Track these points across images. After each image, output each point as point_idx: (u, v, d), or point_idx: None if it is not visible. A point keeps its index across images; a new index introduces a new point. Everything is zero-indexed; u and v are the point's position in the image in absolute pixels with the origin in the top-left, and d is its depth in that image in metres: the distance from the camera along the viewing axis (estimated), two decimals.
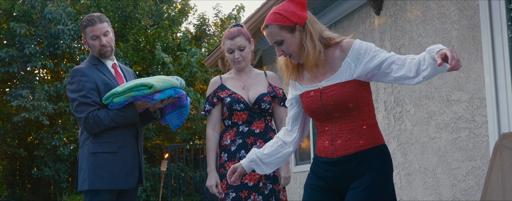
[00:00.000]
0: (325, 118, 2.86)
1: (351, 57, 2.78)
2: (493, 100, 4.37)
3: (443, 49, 2.50)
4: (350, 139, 2.79)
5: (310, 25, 2.80)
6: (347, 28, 6.56)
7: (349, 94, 2.76)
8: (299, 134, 3.07)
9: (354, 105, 2.78)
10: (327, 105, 2.81)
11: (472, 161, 4.60)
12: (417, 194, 5.27)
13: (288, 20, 2.79)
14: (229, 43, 4.02)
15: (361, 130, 2.80)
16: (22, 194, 15.69)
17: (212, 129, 4.10)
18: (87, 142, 3.89)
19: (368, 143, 2.79)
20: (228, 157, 3.99)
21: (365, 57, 2.75)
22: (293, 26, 2.79)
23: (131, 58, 16.58)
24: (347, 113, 2.80)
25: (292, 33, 2.80)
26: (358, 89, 2.78)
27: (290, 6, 2.82)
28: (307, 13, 2.83)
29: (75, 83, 3.89)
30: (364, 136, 2.79)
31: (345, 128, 2.81)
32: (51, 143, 14.50)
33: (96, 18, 4.00)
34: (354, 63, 2.78)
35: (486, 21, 4.44)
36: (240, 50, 4.03)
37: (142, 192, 15.19)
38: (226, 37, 4.05)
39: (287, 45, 2.81)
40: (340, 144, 2.82)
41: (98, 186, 3.81)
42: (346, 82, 2.78)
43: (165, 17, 18.33)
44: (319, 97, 2.83)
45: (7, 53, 14.53)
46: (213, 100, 4.08)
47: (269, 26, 2.81)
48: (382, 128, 5.82)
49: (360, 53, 2.77)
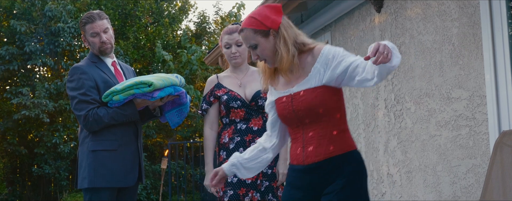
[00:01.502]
0: (297, 124, 2.87)
1: (320, 62, 2.80)
2: (494, 97, 4.36)
3: (374, 44, 2.51)
4: (321, 146, 2.80)
5: (284, 29, 2.82)
6: (347, 25, 6.55)
7: (319, 99, 2.77)
8: (278, 140, 3.06)
9: (324, 110, 2.78)
10: (297, 110, 2.82)
11: (473, 159, 4.60)
12: (417, 191, 5.27)
13: (262, 25, 2.80)
14: (227, 38, 4.04)
15: (331, 136, 2.80)
16: (22, 191, 15.70)
17: (209, 128, 4.10)
18: (87, 140, 3.89)
19: (338, 149, 2.80)
20: (227, 155, 3.99)
21: (333, 62, 2.76)
22: (267, 30, 2.80)
23: (131, 56, 16.57)
24: (317, 119, 2.80)
25: (266, 38, 2.81)
26: (328, 95, 2.79)
27: (265, 10, 2.84)
28: (281, 18, 2.84)
29: (74, 81, 3.88)
30: (334, 142, 2.80)
31: (316, 135, 2.82)
32: (51, 141, 14.50)
33: (96, 15, 4.00)
34: (323, 68, 2.79)
35: (486, 19, 4.43)
36: (238, 45, 4.04)
37: (142, 190, 15.20)
38: (225, 32, 4.08)
39: (261, 49, 2.82)
40: (311, 150, 2.82)
41: (98, 184, 3.81)
42: (316, 88, 2.79)
43: (166, 15, 18.32)
44: (290, 103, 2.84)
45: (7, 51, 14.52)
46: (210, 99, 4.08)
47: (244, 30, 2.84)
48: (382, 126, 5.82)
49: (328, 59, 2.78)
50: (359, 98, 6.26)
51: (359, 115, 6.26)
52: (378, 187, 5.88)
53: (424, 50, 5.19)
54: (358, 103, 6.29)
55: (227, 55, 4.09)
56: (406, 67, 5.44)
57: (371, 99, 6.03)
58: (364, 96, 6.15)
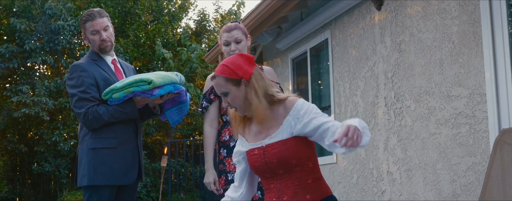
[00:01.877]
0: (270, 175, 2.89)
1: (292, 115, 2.82)
2: (494, 95, 4.36)
3: (345, 126, 2.56)
4: (297, 195, 2.83)
5: (255, 80, 2.85)
6: (347, 23, 6.55)
7: (291, 151, 2.80)
8: (246, 190, 3.07)
9: (296, 161, 2.81)
10: (270, 162, 2.84)
11: (472, 157, 4.60)
12: (417, 189, 5.27)
13: (234, 73, 2.84)
14: (226, 36, 4.04)
15: (306, 185, 2.84)
16: (22, 189, 15.70)
17: (209, 126, 4.09)
18: (87, 138, 3.88)
19: (314, 196, 2.83)
20: (227, 153, 3.99)
21: (305, 119, 2.79)
22: (239, 79, 2.84)
23: (131, 54, 16.57)
24: (290, 169, 2.83)
25: (237, 87, 2.85)
26: (300, 146, 2.81)
27: (239, 60, 2.88)
28: (254, 69, 2.87)
29: (74, 79, 3.88)
30: (310, 190, 2.83)
31: (291, 185, 2.85)
32: (51, 138, 14.50)
33: (96, 13, 3.99)
34: (294, 121, 2.82)
35: (486, 17, 4.43)
36: (237, 42, 4.03)
37: (142, 188, 15.20)
38: (223, 30, 4.08)
39: (232, 98, 2.86)
40: (287, 200, 2.85)
41: (98, 182, 3.80)
42: (287, 140, 2.81)
43: (165, 13, 18.30)
44: (263, 155, 2.87)
45: (7, 48, 14.51)
46: (210, 97, 4.07)
47: (217, 77, 2.88)
48: (382, 124, 5.81)
49: (300, 114, 2.80)
50: (359, 96, 6.26)
51: (359, 113, 6.26)
52: (378, 185, 5.89)
53: (424, 48, 5.19)
54: (358, 101, 6.29)
55: (226, 53, 4.09)
56: (406, 65, 5.44)
57: (371, 97, 6.03)
58: (364, 94, 6.15)
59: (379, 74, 5.88)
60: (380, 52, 5.87)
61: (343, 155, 2.60)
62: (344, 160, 6.60)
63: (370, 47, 6.04)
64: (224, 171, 3.97)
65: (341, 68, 6.68)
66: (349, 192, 6.47)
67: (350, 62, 6.47)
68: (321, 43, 7.20)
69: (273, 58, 8.77)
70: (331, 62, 6.93)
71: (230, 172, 3.93)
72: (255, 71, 2.89)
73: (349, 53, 6.50)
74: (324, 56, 7.28)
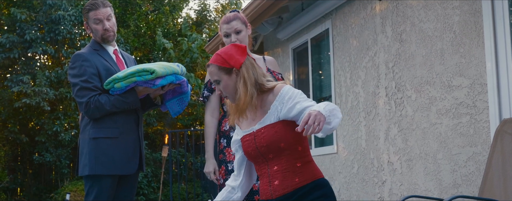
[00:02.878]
0: (262, 160, 2.98)
1: (279, 100, 2.93)
2: (494, 86, 4.36)
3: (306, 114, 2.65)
4: (286, 178, 2.92)
5: (245, 70, 2.97)
6: (348, 13, 6.54)
7: (279, 134, 2.89)
8: (245, 178, 3.17)
9: (285, 145, 2.90)
10: (260, 147, 2.94)
11: (473, 147, 4.61)
12: (417, 179, 5.28)
13: (226, 62, 2.98)
14: (226, 27, 4.03)
15: (295, 169, 2.92)
16: (23, 179, 15.73)
17: (210, 116, 4.09)
18: (88, 128, 3.89)
19: (303, 179, 2.91)
20: (227, 143, 3.99)
21: (289, 103, 2.89)
22: (230, 68, 2.97)
23: (132, 44, 16.55)
24: (280, 153, 2.92)
25: (229, 75, 2.98)
26: (288, 130, 2.89)
27: (231, 50, 3.02)
28: (245, 58, 3.00)
29: (76, 68, 3.88)
30: (299, 173, 2.91)
31: (280, 168, 2.94)
32: (52, 129, 14.51)
33: (100, 3, 4.00)
34: (280, 106, 2.92)
35: (488, 7, 4.42)
36: (237, 33, 4.02)
37: (143, 178, 15.23)
38: (222, 22, 4.06)
39: (224, 86, 3.00)
40: (277, 184, 2.94)
41: (99, 171, 3.81)
42: (275, 123, 2.92)
43: (166, 3, 18.27)
44: (254, 140, 2.97)
45: (8, 38, 14.49)
46: (212, 86, 4.07)
47: (210, 66, 3.03)
48: (383, 114, 5.82)
49: (285, 99, 2.90)
50: (360, 86, 6.26)
51: (359, 103, 6.27)
52: (379, 175, 5.90)
53: (425, 38, 5.18)
54: (359, 91, 6.29)
55: (227, 44, 4.07)
56: (407, 55, 5.44)
57: (372, 87, 6.03)
58: (365, 84, 6.15)
59: (380, 64, 5.88)
60: (381, 42, 5.86)
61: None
62: (344, 150, 6.60)
63: (371, 37, 6.04)
64: (224, 161, 3.98)
65: (342, 58, 6.67)
66: (349, 182, 6.49)
67: (351, 52, 6.46)
68: (322, 33, 7.20)
69: (274, 48, 8.76)
70: (332, 52, 6.93)
71: (230, 162, 3.94)
72: (247, 60, 3.00)
73: (350, 43, 6.49)
74: (325, 46, 7.28)
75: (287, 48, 8.23)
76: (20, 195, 15.65)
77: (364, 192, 6.18)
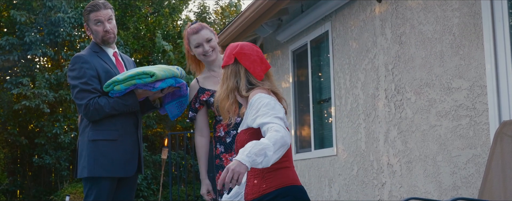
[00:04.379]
0: None
1: (249, 108, 2.95)
2: (494, 87, 4.36)
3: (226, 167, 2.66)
4: (256, 184, 2.94)
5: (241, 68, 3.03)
6: (347, 15, 6.54)
7: (249, 140, 2.87)
8: None
9: None
10: (238, 149, 2.97)
11: (473, 149, 4.60)
12: (417, 181, 5.28)
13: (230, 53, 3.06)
14: (196, 38, 3.97)
15: (264, 174, 2.93)
16: (23, 182, 15.71)
17: (200, 136, 4.09)
18: (87, 130, 3.89)
19: (271, 186, 2.91)
20: (225, 149, 3.97)
21: (252, 114, 2.90)
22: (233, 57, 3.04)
23: (132, 46, 16.55)
24: None
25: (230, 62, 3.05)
26: (259, 136, 2.88)
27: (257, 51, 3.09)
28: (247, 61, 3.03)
29: (76, 70, 3.88)
30: (267, 180, 2.92)
31: (252, 173, 2.97)
32: (52, 131, 14.50)
33: (101, 4, 4.01)
34: (249, 114, 2.94)
35: (487, 9, 4.42)
36: (208, 41, 3.98)
37: (142, 180, 15.22)
38: (189, 33, 4.00)
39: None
40: (249, 189, 2.98)
41: (97, 173, 3.81)
42: (247, 129, 2.96)
43: (166, 5, 18.27)
44: (236, 142, 3.03)
45: (8, 41, 14.49)
46: (196, 106, 4.05)
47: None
48: (382, 116, 5.82)
49: (252, 108, 2.92)
50: (360, 88, 6.25)
51: (359, 105, 6.26)
52: (378, 177, 5.90)
53: (424, 40, 5.18)
54: (358, 93, 6.29)
55: (200, 54, 4.01)
56: (407, 57, 5.44)
57: (372, 89, 6.03)
58: (365, 86, 6.15)
59: (380, 66, 5.88)
60: (380, 44, 5.86)
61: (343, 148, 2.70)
62: (344, 152, 6.60)
63: (371, 39, 6.04)
64: (221, 166, 3.96)
65: (342, 60, 6.67)
66: (349, 184, 6.48)
67: (351, 54, 6.46)
68: (322, 35, 7.20)
69: (274, 50, 8.76)
70: (331, 54, 6.93)
71: None
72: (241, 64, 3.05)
73: (350, 45, 6.49)
74: (324, 48, 7.28)
75: (286, 50, 8.23)
76: (19, 197, 15.64)
77: (363, 194, 6.18)
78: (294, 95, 8.03)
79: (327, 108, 7.23)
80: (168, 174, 12.32)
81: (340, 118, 6.69)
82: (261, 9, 7.24)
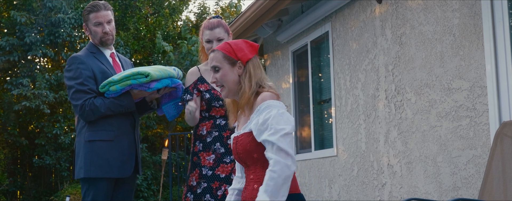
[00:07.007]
0: (243, 165, 2.96)
1: (257, 113, 2.84)
2: (494, 88, 4.35)
3: None
4: (254, 190, 2.85)
5: (251, 66, 2.93)
6: (348, 16, 6.54)
7: (252, 144, 2.83)
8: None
9: (258, 155, 2.84)
10: (239, 153, 2.91)
11: (473, 150, 4.59)
12: (417, 182, 5.27)
13: (233, 53, 2.93)
14: (208, 34, 3.99)
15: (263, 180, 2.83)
16: (23, 182, 15.72)
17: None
18: (84, 130, 3.89)
19: None
20: (203, 148, 3.94)
21: (260, 125, 2.77)
22: (236, 60, 2.92)
23: (132, 47, 16.56)
24: (254, 163, 2.87)
25: (232, 66, 2.92)
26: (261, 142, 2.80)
27: (242, 44, 2.98)
28: (253, 56, 2.96)
29: (72, 71, 3.88)
30: None
31: (253, 178, 2.89)
32: (52, 131, 14.51)
33: (101, 5, 4.00)
34: (255, 119, 2.83)
35: (487, 9, 4.42)
36: (218, 41, 3.98)
37: (143, 181, 15.23)
38: (205, 27, 4.01)
39: (222, 75, 2.92)
40: (247, 193, 2.90)
41: (93, 174, 3.81)
42: (251, 133, 2.85)
43: (166, 6, 18.28)
44: (235, 145, 2.94)
45: (8, 41, 14.50)
46: (194, 91, 4.00)
47: (215, 52, 2.96)
48: (383, 116, 5.81)
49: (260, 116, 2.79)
50: (360, 88, 6.25)
51: (359, 106, 6.26)
52: (379, 178, 5.89)
53: (424, 41, 5.17)
54: (358, 94, 6.28)
55: (207, 50, 4.03)
56: (407, 58, 5.43)
57: (372, 89, 6.02)
58: (365, 86, 6.15)
59: (380, 66, 5.87)
60: (380, 45, 5.86)
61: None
62: (344, 153, 6.59)
63: (371, 39, 6.03)
64: (199, 165, 3.94)
65: (342, 61, 6.67)
66: (349, 185, 6.47)
67: (351, 54, 6.46)
68: (322, 35, 7.19)
69: (274, 51, 8.76)
70: (331, 55, 6.92)
71: (204, 166, 3.89)
72: (255, 58, 2.96)
73: (350, 46, 6.48)
74: (324, 49, 7.27)
75: (287, 50, 8.22)
76: (20, 198, 15.64)
77: (364, 195, 6.17)
78: (294, 96, 8.02)
79: (327, 109, 7.23)
80: (168, 174, 12.32)
81: (340, 119, 6.69)
82: (261, 10, 7.24)
